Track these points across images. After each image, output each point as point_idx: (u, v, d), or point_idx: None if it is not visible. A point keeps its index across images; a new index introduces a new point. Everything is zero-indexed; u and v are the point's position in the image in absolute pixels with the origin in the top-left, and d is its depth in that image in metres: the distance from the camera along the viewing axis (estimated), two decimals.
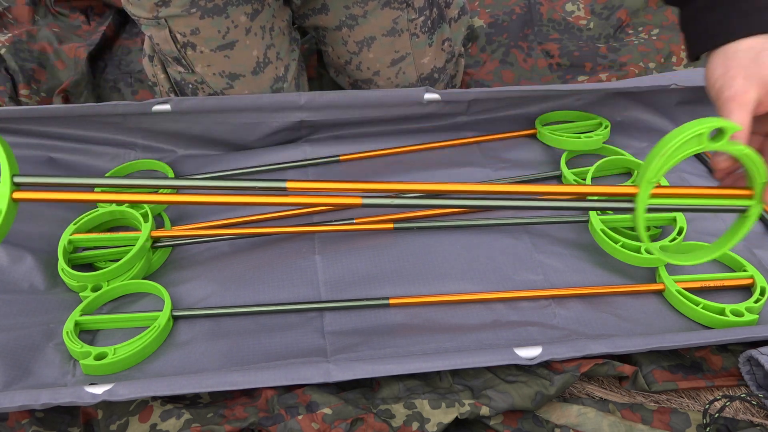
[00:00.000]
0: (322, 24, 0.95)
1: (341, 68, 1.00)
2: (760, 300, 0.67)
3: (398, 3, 0.92)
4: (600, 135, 0.85)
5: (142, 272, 0.71)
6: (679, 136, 0.55)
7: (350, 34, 0.94)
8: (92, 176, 0.68)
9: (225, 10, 0.83)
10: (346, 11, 0.92)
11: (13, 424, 0.57)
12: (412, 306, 0.68)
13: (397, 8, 0.92)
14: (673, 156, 0.56)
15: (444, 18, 0.99)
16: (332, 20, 0.93)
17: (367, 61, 0.96)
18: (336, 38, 0.95)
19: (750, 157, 0.56)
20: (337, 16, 0.93)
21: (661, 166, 0.56)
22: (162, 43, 0.86)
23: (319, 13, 0.94)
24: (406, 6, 0.92)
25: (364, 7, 0.91)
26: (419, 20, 0.94)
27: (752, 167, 0.57)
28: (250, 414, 0.57)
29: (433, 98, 0.85)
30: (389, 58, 0.95)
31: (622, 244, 0.70)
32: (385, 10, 0.92)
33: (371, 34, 0.93)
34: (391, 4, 0.92)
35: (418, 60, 0.97)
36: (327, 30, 0.95)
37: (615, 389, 0.63)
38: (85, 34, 1.18)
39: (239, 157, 0.88)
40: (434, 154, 0.89)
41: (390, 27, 0.93)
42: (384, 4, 0.91)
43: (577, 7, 1.24)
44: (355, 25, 0.93)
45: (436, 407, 0.57)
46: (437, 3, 0.98)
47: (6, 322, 0.65)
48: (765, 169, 0.57)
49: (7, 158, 0.56)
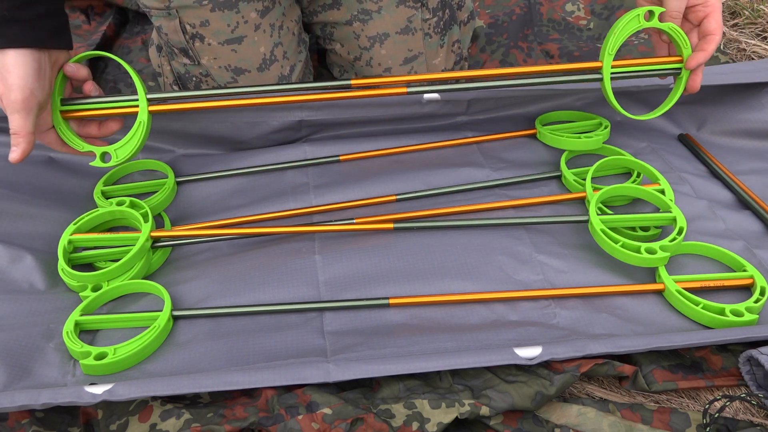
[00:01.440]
0: (332, 19, 0.94)
1: (349, 65, 0.99)
2: (760, 300, 0.67)
3: (413, 1, 0.92)
4: (600, 135, 0.85)
5: (142, 272, 0.71)
6: (624, 19, 0.74)
7: (363, 29, 0.93)
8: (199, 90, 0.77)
9: (236, 5, 0.84)
10: (359, 5, 0.92)
11: (13, 424, 0.57)
12: (412, 306, 0.68)
13: (411, 6, 0.92)
14: (622, 33, 0.75)
15: (455, 20, 1.00)
16: (344, 15, 0.93)
17: (378, 57, 0.95)
18: (347, 33, 0.95)
19: (674, 30, 0.74)
20: (349, 10, 0.92)
21: (615, 42, 0.75)
22: (171, 34, 0.87)
23: (330, 8, 0.93)
24: (420, 5, 0.93)
25: (379, 2, 0.91)
26: (433, 20, 0.94)
27: (678, 39, 0.75)
28: (250, 414, 0.57)
29: (433, 98, 0.85)
30: (402, 57, 0.95)
31: (622, 244, 0.70)
32: (400, 8, 0.92)
33: (385, 31, 0.93)
34: (406, 2, 0.92)
35: (430, 60, 0.97)
36: (337, 25, 0.95)
37: (615, 389, 0.63)
38: (86, 34, 1.18)
39: (239, 156, 0.88)
40: (434, 154, 0.89)
41: (404, 25, 0.93)
42: (399, 2, 0.91)
43: (577, 7, 1.24)
44: (369, 20, 0.92)
45: (436, 407, 0.57)
46: (450, 4, 0.98)
47: (6, 322, 0.65)
48: (688, 41, 0.75)
49: (140, 81, 0.73)
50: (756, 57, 1.17)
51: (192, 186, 0.85)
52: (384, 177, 0.85)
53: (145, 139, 0.74)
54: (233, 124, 0.86)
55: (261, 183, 0.85)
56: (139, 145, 0.74)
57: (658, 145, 0.92)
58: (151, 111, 0.74)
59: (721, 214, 0.80)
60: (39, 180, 0.81)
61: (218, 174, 0.85)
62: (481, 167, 0.87)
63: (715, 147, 0.92)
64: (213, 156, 0.89)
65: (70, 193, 0.81)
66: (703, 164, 0.90)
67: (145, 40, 1.18)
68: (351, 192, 0.83)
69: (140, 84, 0.74)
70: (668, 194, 0.79)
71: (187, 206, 0.83)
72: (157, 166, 0.85)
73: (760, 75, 0.91)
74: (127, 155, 0.74)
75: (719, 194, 0.84)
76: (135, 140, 0.74)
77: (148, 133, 0.75)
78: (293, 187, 0.84)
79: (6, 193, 0.77)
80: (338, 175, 0.85)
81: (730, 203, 0.83)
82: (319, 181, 0.85)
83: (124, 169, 0.84)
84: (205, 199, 0.83)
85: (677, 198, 0.80)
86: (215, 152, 0.89)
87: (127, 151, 0.74)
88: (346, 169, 0.87)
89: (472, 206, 0.79)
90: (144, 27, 1.22)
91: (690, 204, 0.80)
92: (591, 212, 0.74)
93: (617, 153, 0.86)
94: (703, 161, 0.90)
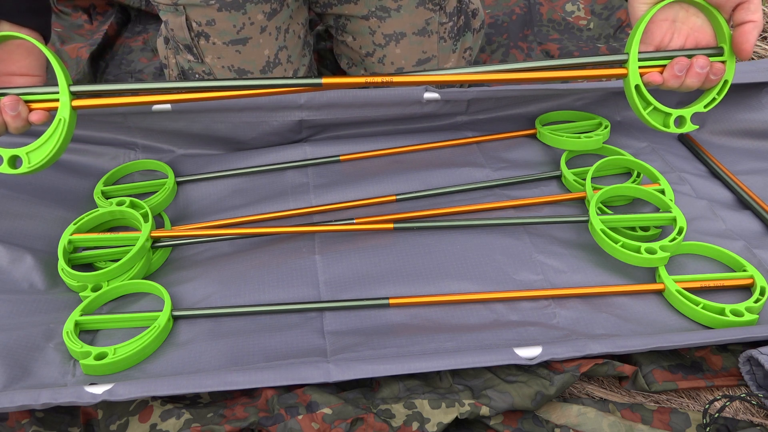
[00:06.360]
0: (348, 12, 0.94)
1: (359, 60, 0.99)
2: (760, 300, 0.67)
3: (432, 4, 0.92)
4: (600, 135, 0.85)
5: (142, 272, 0.71)
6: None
7: (380, 25, 0.93)
8: (138, 83, 0.68)
9: (243, 6, 0.84)
10: (378, 2, 0.91)
11: (13, 424, 0.57)
12: (412, 306, 0.68)
13: (431, 9, 0.92)
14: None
15: (469, 27, 1.00)
16: (361, 9, 0.93)
17: (392, 56, 0.95)
18: (361, 27, 0.94)
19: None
20: (367, 5, 0.92)
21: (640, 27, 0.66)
22: (176, 30, 0.87)
23: (346, 2, 0.93)
24: (439, 9, 0.93)
25: (399, 1, 0.91)
26: (448, 25, 0.94)
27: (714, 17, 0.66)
28: (250, 414, 0.57)
29: (433, 97, 0.85)
30: (416, 58, 0.95)
31: (622, 244, 0.70)
32: (420, 9, 0.92)
33: (402, 30, 0.93)
34: (425, 3, 0.92)
35: (442, 64, 0.97)
36: (351, 18, 0.95)
37: (615, 389, 0.63)
38: (87, 33, 1.18)
39: (239, 156, 0.88)
40: (434, 154, 0.89)
41: (422, 26, 0.93)
42: (419, 3, 0.91)
43: (577, 7, 1.24)
44: (387, 17, 0.92)
45: (436, 407, 0.57)
46: (465, 11, 0.98)
47: (6, 322, 0.65)
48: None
49: (62, 70, 0.61)
50: (756, 57, 1.17)
51: (192, 186, 0.85)
52: (384, 177, 0.85)
53: (67, 140, 0.62)
54: (233, 124, 0.86)
55: (261, 183, 0.85)
56: (59, 147, 0.62)
57: (658, 145, 0.92)
58: (76, 107, 0.62)
59: (721, 214, 0.80)
60: (39, 180, 0.81)
61: (218, 174, 0.85)
62: (481, 167, 0.87)
63: (715, 147, 0.92)
64: (213, 156, 0.89)
65: (70, 193, 0.82)
66: (703, 164, 0.90)
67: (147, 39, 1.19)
68: (351, 192, 0.83)
69: (62, 72, 0.62)
70: (668, 194, 0.79)
71: (187, 206, 0.83)
72: (157, 166, 0.85)
73: (760, 75, 0.91)
74: (42, 159, 0.62)
75: (719, 194, 0.84)
76: (53, 142, 0.62)
77: (71, 134, 0.63)
78: (293, 187, 0.84)
79: (6, 193, 0.77)
80: (338, 175, 0.85)
81: (730, 203, 0.83)
82: (319, 181, 0.85)
83: (124, 169, 0.84)
84: (205, 199, 0.83)
85: (677, 198, 0.80)
86: (215, 152, 0.89)
87: (43, 155, 0.62)
88: (346, 169, 0.87)
89: (472, 206, 0.79)
90: (146, 26, 1.22)
91: (690, 204, 0.80)
92: (591, 212, 0.74)
93: (617, 153, 0.86)
94: (703, 161, 0.90)
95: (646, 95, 0.68)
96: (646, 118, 0.68)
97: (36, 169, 0.63)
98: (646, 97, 0.68)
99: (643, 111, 0.68)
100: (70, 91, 0.62)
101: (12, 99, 0.61)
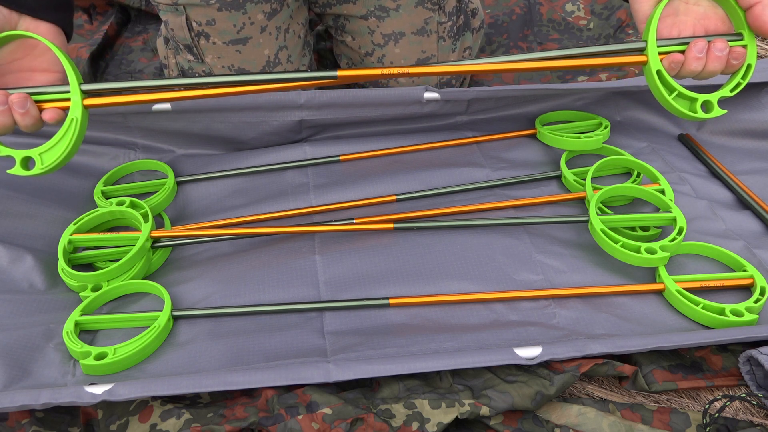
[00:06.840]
0: (346, 12, 0.94)
1: (359, 60, 0.99)
2: (760, 300, 0.67)
3: (431, 4, 0.92)
4: (600, 135, 0.85)
5: (142, 272, 0.71)
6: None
7: (379, 25, 0.93)
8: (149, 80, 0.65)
9: (243, 6, 0.84)
10: (377, 2, 0.91)
11: (13, 424, 0.57)
12: (412, 306, 0.68)
13: (430, 9, 0.92)
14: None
15: (469, 26, 1.00)
16: (360, 9, 0.93)
17: (391, 56, 0.95)
18: (361, 27, 0.94)
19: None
20: (366, 5, 0.92)
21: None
22: (177, 30, 0.87)
23: (345, 2, 0.93)
24: (438, 8, 0.93)
25: (397, 0, 0.91)
26: (447, 24, 0.94)
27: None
28: (250, 414, 0.57)
29: (433, 97, 0.85)
30: (415, 57, 0.95)
31: (622, 244, 0.70)
32: (419, 9, 0.92)
33: (401, 29, 0.93)
34: (424, 3, 0.92)
35: None
36: (351, 18, 0.95)
37: (615, 389, 0.63)
38: (87, 33, 1.18)
39: (239, 156, 0.88)
40: (434, 154, 0.89)
41: (420, 26, 0.93)
42: (418, 3, 0.91)
43: (577, 7, 1.24)
44: (386, 17, 0.92)
45: (436, 407, 0.57)
46: (465, 11, 0.98)
47: (6, 322, 0.65)
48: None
49: (73, 69, 0.61)
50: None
51: (192, 186, 0.85)
52: (384, 177, 0.85)
53: (79, 140, 0.62)
54: (233, 124, 0.86)
55: (261, 183, 0.85)
56: (71, 147, 0.62)
57: (658, 145, 0.92)
58: (87, 105, 0.62)
59: (721, 214, 0.80)
60: (39, 180, 0.80)
61: (218, 174, 0.85)
62: (481, 167, 0.87)
63: (715, 147, 0.92)
64: (213, 156, 0.89)
65: (70, 193, 0.81)
66: (703, 164, 0.90)
67: (147, 39, 1.19)
68: (351, 192, 0.83)
69: (72, 71, 0.61)
70: (668, 194, 0.79)
71: (187, 206, 0.83)
72: (157, 166, 0.85)
73: (760, 75, 0.91)
74: (55, 160, 0.62)
75: (719, 194, 0.84)
76: (65, 142, 0.61)
77: (83, 134, 0.62)
78: (293, 187, 0.84)
79: (6, 193, 0.77)
80: (338, 175, 0.85)
81: (730, 203, 0.83)
82: (319, 181, 0.85)
83: (125, 169, 0.84)
84: (205, 199, 0.83)
85: (677, 198, 0.80)
86: (215, 152, 0.89)
87: (56, 155, 0.61)
88: (346, 169, 0.87)
89: (472, 206, 0.79)
90: (146, 26, 1.22)
91: (690, 204, 0.80)
92: (591, 212, 0.74)
93: (617, 153, 0.86)
94: (703, 161, 0.90)
95: (668, 80, 0.66)
96: (672, 104, 0.66)
97: (49, 170, 0.62)
98: (669, 82, 0.66)
99: (668, 97, 0.65)
100: (81, 89, 0.61)
101: (20, 96, 0.61)
